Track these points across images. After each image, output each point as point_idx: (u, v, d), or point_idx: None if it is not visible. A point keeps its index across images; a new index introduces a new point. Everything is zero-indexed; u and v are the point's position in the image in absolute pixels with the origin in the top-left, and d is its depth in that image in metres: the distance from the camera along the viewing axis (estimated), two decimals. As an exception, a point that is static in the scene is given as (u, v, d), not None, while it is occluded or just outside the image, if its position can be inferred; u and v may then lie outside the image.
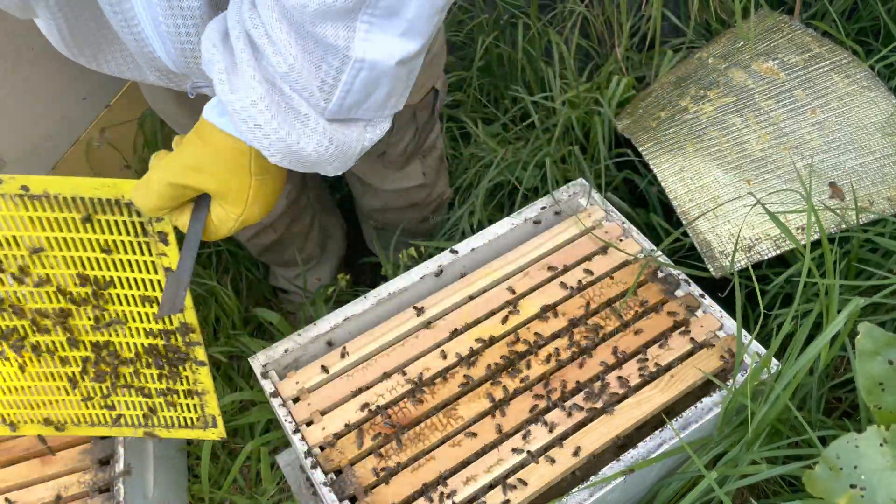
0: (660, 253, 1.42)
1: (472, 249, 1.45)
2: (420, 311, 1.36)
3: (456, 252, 1.44)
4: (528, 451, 1.18)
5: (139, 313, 1.11)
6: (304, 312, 1.75)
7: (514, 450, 1.19)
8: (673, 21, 1.91)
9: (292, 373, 1.31)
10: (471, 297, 1.39)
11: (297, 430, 1.23)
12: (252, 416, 1.66)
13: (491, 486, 1.16)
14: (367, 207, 1.79)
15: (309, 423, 1.25)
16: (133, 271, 1.06)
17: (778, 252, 1.37)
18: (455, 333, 1.34)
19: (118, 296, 1.09)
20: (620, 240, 1.45)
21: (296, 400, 1.28)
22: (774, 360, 1.21)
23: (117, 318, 1.11)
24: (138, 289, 1.08)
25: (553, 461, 1.17)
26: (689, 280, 1.38)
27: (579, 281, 1.39)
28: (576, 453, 1.18)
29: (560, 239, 1.46)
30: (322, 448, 1.22)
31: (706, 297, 1.35)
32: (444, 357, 1.31)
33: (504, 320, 1.35)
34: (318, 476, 1.17)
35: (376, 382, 1.29)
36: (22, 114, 1.54)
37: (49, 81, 1.59)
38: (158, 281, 1.07)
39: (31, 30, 1.52)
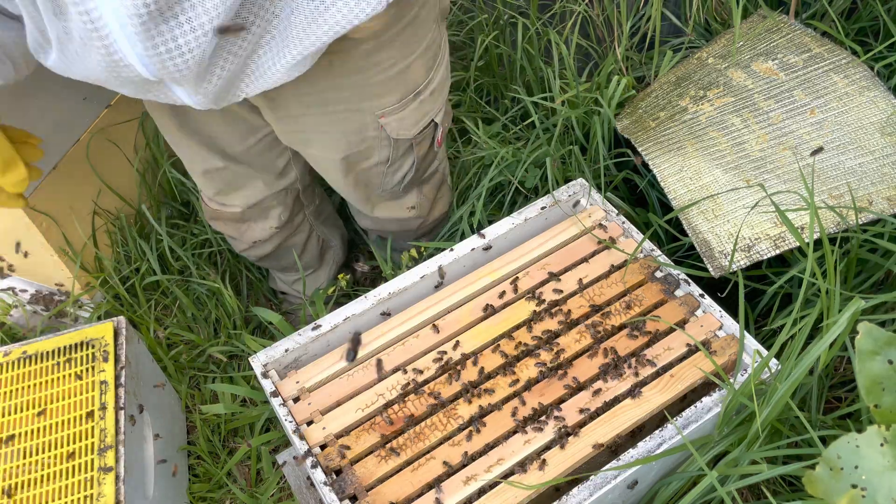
0: (659, 253, 1.42)
1: (472, 249, 1.45)
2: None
3: (455, 251, 1.44)
4: (528, 451, 1.19)
5: None
6: (303, 312, 1.75)
7: (513, 450, 1.19)
8: (673, 21, 1.91)
9: (293, 372, 1.31)
10: (471, 297, 1.39)
11: (297, 430, 1.23)
12: (252, 416, 1.66)
13: (491, 486, 1.16)
14: (360, 225, 1.78)
15: (309, 423, 1.25)
16: None
17: (777, 252, 1.37)
18: (455, 333, 1.34)
19: None
20: (620, 240, 1.46)
21: (296, 399, 1.28)
22: (774, 360, 1.21)
23: None
24: None
25: (552, 460, 1.17)
26: (689, 280, 1.38)
27: (579, 281, 1.39)
28: (575, 453, 1.18)
29: (560, 239, 1.47)
30: (322, 447, 1.22)
31: (706, 296, 1.35)
32: (445, 357, 1.31)
33: (504, 320, 1.35)
34: (318, 476, 1.17)
35: (376, 382, 1.29)
36: (22, 114, 1.54)
37: (49, 81, 1.59)
38: None
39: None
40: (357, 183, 1.50)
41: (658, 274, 1.40)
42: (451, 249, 1.45)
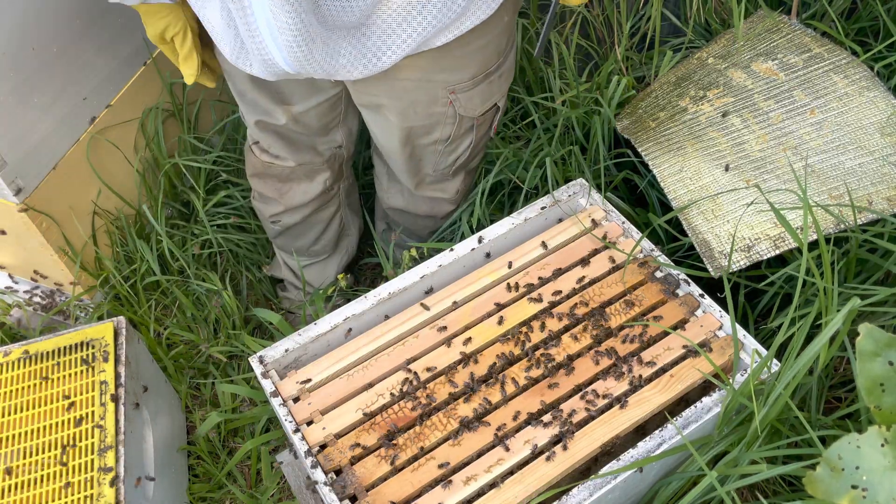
0: (659, 253, 1.42)
1: (472, 249, 1.45)
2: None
3: (455, 251, 1.44)
4: (528, 451, 1.19)
5: None
6: (304, 312, 1.75)
7: (513, 449, 1.19)
8: (673, 21, 1.91)
9: (293, 372, 1.31)
10: (471, 297, 1.40)
11: (297, 430, 1.23)
12: (252, 416, 1.66)
13: (491, 486, 1.16)
14: (387, 204, 1.79)
15: (309, 423, 1.25)
16: None
17: (777, 252, 1.37)
18: (455, 333, 1.34)
19: None
20: (620, 240, 1.46)
21: (296, 399, 1.28)
22: (774, 360, 1.21)
23: None
24: None
25: (553, 461, 1.17)
26: (689, 280, 1.38)
27: (579, 280, 1.39)
28: (575, 453, 1.18)
29: (560, 239, 1.47)
30: (322, 447, 1.22)
31: (706, 296, 1.35)
32: (445, 357, 1.31)
33: (504, 320, 1.35)
34: (318, 475, 1.17)
35: (376, 382, 1.29)
36: (22, 114, 1.54)
37: (49, 81, 1.59)
38: None
39: (31, 30, 1.52)
40: (412, 156, 1.54)
41: (658, 274, 1.40)
42: (451, 249, 1.45)
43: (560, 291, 1.38)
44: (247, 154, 1.68)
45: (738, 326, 1.28)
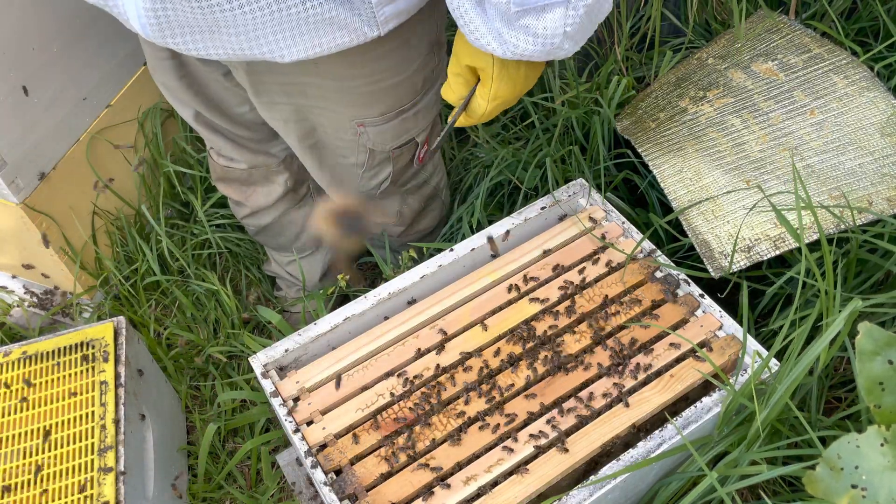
0: (659, 253, 1.42)
1: (472, 249, 1.45)
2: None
3: (455, 252, 1.44)
4: (528, 451, 1.19)
5: None
6: (303, 312, 1.75)
7: (513, 449, 1.19)
8: (673, 21, 1.91)
9: (293, 372, 1.31)
10: (471, 297, 1.40)
11: (297, 430, 1.23)
12: (252, 416, 1.66)
13: (491, 486, 1.16)
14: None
15: (309, 423, 1.25)
16: None
17: (777, 252, 1.37)
18: (455, 333, 1.34)
19: None
20: (620, 240, 1.46)
21: (296, 400, 1.28)
22: (774, 360, 1.21)
23: None
24: None
25: (553, 461, 1.17)
26: (689, 280, 1.38)
27: (579, 281, 1.39)
28: (575, 453, 1.18)
29: (560, 239, 1.47)
30: (322, 447, 1.22)
31: (706, 296, 1.35)
32: (444, 357, 1.31)
33: (504, 320, 1.35)
34: (318, 476, 1.17)
35: (376, 382, 1.29)
36: (22, 114, 1.54)
37: (49, 81, 1.59)
38: None
39: (31, 30, 1.52)
40: (333, 177, 1.51)
41: (658, 274, 1.40)
42: (451, 249, 1.45)
43: (560, 291, 1.38)
44: (208, 160, 1.68)
45: (738, 327, 1.28)
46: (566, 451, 1.18)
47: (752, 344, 1.26)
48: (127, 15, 1.07)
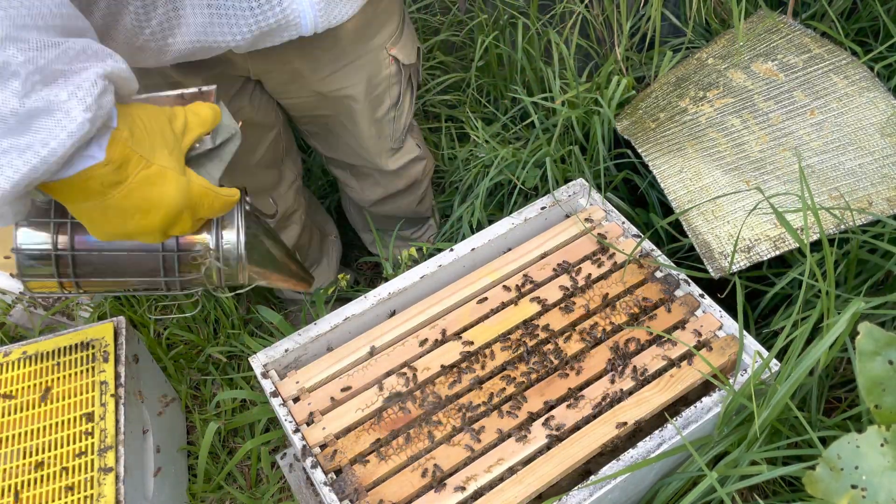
0: (659, 253, 1.42)
1: (472, 249, 1.45)
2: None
3: (455, 252, 1.44)
4: (528, 451, 1.19)
5: None
6: (304, 312, 1.75)
7: (513, 449, 1.19)
8: (673, 21, 1.91)
9: (292, 372, 1.31)
10: (471, 297, 1.40)
11: (297, 430, 1.23)
12: (252, 416, 1.66)
13: (491, 486, 1.16)
14: (368, 200, 1.79)
15: (309, 423, 1.25)
16: None
17: (777, 253, 1.37)
18: (455, 333, 1.34)
19: None
20: (620, 240, 1.46)
21: (296, 399, 1.28)
22: (774, 360, 1.21)
23: None
24: None
25: (553, 461, 1.17)
26: (689, 280, 1.38)
27: (579, 281, 1.39)
28: (575, 453, 1.18)
29: (560, 239, 1.47)
30: (322, 447, 1.22)
31: (706, 296, 1.35)
32: (444, 357, 1.31)
33: (504, 320, 1.35)
34: (318, 476, 1.17)
35: (376, 382, 1.29)
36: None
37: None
38: None
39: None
40: (379, 133, 1.61)
41: (658, 274, 1.40)
42: (451, 249, 1.45)
43: (560, 291, 1.38)
44: None
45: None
46: (566, 451, 1.18)
47: (753, 344, 1.26)
48: (301, 16, 1.19)
